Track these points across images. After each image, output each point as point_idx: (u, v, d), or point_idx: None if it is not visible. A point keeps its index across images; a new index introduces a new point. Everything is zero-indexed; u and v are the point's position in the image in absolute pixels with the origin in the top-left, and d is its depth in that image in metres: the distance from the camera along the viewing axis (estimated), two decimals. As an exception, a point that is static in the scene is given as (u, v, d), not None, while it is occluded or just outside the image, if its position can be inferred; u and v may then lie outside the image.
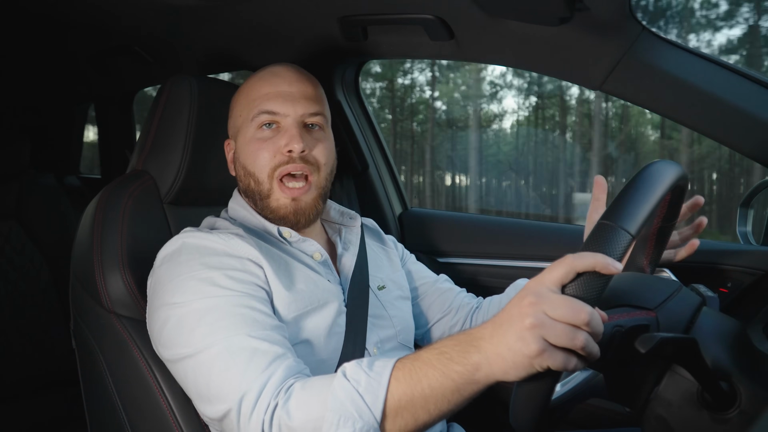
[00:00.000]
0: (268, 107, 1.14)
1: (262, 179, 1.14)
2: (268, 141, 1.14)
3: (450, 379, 0.79)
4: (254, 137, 1.15)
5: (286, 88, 1.16)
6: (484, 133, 13.91)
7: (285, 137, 1.13)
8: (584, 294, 0.72)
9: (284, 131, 1.14)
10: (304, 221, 1.17)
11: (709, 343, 0.83)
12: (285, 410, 0.86)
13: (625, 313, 0.83)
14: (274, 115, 1.14)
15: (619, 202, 0.76)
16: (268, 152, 1.13)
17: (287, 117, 1.14)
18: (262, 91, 1.16)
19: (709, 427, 0.81)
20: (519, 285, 1.37)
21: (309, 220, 1.18)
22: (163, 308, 1.01)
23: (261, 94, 1.15)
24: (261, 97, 1.15)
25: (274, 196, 1.15)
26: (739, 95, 1.22)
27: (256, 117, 1.14)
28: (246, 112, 1.17)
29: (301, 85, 1.17)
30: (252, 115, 1.15)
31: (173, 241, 1.09)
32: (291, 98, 1.15)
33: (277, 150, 1.13)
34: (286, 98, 1.14)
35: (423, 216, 1.99)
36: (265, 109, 1.14)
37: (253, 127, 1.15)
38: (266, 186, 1.14)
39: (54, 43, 1.90)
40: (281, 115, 1.14)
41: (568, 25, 1.24)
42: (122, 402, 1.16)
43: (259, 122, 1.14)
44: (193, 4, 1.39)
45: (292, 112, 1.14)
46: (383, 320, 1.23)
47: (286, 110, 1.14)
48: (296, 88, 1.16)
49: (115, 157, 2.84)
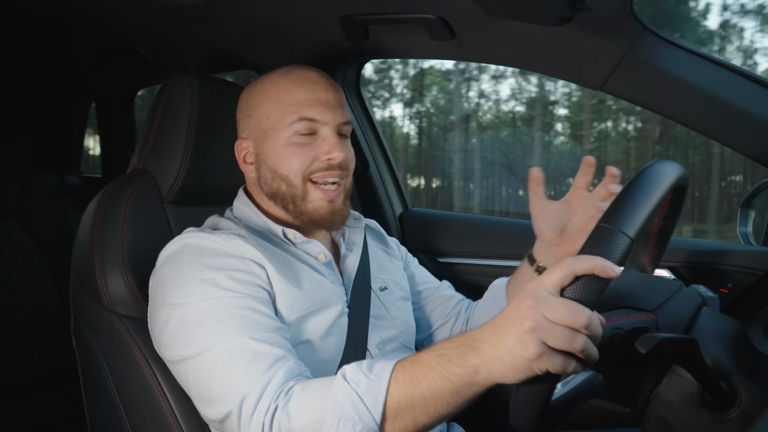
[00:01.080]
0: (310, 114, 1.12)
1: (296, 183, 1.13)
2: (307, 147, 1.13)
3: (449, 381, 0.79)
4: (291, 141, 1.13)
5: (324, 95, 1.15)
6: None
7: (326, 145, 1.12)
8: (583, 297, 0.72)
9: (323, 139, 1.13)
10: (340, 222, 1.18)
11: (709, 343, 0.83)
12: (285, 413, 0.86)
13: (624, 315, 0.83)
14: (314, 123, 1.13)
15: (618, 205, 0.76)
16: (307, 158, 1.13)
17: (326, 125, 1.13)
18: (299, 96, 1.14)
19: (710, 427, 0.81)
20: (497, 285, 1.36)
21: (344, 220, 1.19)
22: (165, 309, 1.01)
23: (299, 99, 1.13)
24: (300, 102, 1.13)
25: (310, 198, 1.14)
26: (740, 96, 1.22)
27: (295, 123, 1.12)
28: (279, 115, 1.14)
29: (336, 93, 1.17)
30: (289, 120, 1.13)
31: (175, 241, 1.09)
32: (330, 106, 1.14)
33: (316, 157, 1.13)
34: (325, 106, 1.14)
35: (424, 216, 1.98)
36: (306, 116, 1.12)
37: (289, 132, 1.13)
38: (300, 189, 1.14)
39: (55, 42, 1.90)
40: (320, 123, 1.13)
41: (570, 25, 1.24)
42: (122, 401, 1.16)
43: (298, 128, 1.13)
44: (194, 4, 1.39)
45: (332, 121, 1.14)
46: (385, 321, 1.23)
47: (326, 118, 1.13)
48: (332, 95, 1.16)
49: (116, 157, 2.84)
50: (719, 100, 1.22)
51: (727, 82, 1.23)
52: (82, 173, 3.15)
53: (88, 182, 3.04)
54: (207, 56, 1.78)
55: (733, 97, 1.21)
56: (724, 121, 1.24)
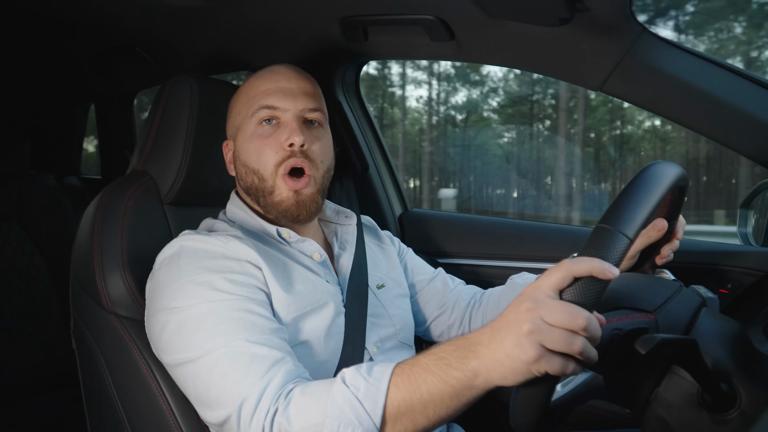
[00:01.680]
0: (268, 102, 1.14)
1: (267, 176, 1.14)
2: (270, 137, 1.14)
3: (449, 384, 0.79)
4: (255, 133, 1.15)
5: (285, 84, 1.16)
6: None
7: (286, 131, 1.13)
8: (581, 299, 0.72)
9: (284, 126, 1.14)
10: (306, 214, 1.16)
11: (709, 344, 0.82)
12: (285, 416, 0.86)
13: (624, 316, 0.83)
14: (274, 110, 1.14)
15: (617, 206, 0.76)
16: (271, 148, 1.13)
17: (287, 112, 1.15)
18: (261, 87, 1.16)
19: (710, 428, 0.81)
20: (516, 282, 1.37)
21: (310, 213, 1.17)
22: (162, 312, 1.01)
23: (260, 90, 1.16)
24: (261, 93, 1.16)
25: (278, 191, 1.14)
26: (740, 96, 1.22)
27: (256, 113, 1.15)
28: (246, 109, 1.17)
29: (300, 82, 1.18)
30: (252, 111, 1.15)
31: (172, 245, 1.09)
32: (291, 93, 1.15)
33: (279, 145, 1.13)
34: (285, 93, 1.15)
35: (423, 217, 1.98)
36: (265, 104, 1.14)
37: (253, 123, 1.15)
38: (270, 182, 1.14)
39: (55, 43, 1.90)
40: (281, 110, 1.14)
41: (569, 26, 1.24)
42: (122, 402, 1.16)
43: (260, 118, 1.15)
44: (193, 5, 1.39)
45: (292, 107, 1.15)
46: (383, 319, 1.23)
47: (286, 105, 1.14)
48: (295, 84, 1.17)
49: (116, 158, 2.84)
50: (718, 101, 1.22)
51: (726, 82, 1.23)
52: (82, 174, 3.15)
53: (87, 183, 3.04)
54: (206, 57, 1.78)
55: (732, 97, 1.21)
56: (723, 121, 1.24)
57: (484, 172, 12.66)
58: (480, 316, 1.37)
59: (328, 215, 1.33)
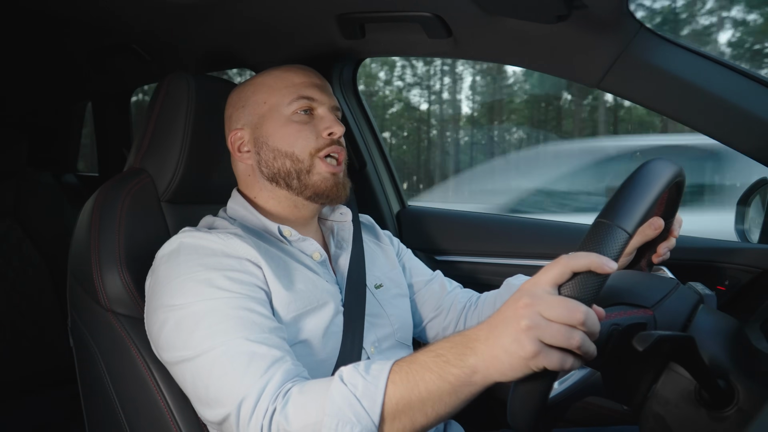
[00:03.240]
0: (308, 93, 1.20)
1: (303, 158, 1.18)
2: (307, 125, 1.19)
3: (447, 381, 0.79)
4: (291, 120, 1.19)
5: (317, 80, 1.23)
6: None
7: (326, 122, 1.19)
8: (580, 294, 0.72)
9: (321, 117, 1.21)
10: (343, 195, 1.22)
11: (706, 341, 0.83)
12: (283, 415, 0.86)
13: (622, 312, 0.83)
14: (311, 101, 1.20)
15: (615, 201, 0.76)
16: (311, 133, 1.18)
17: (323, 105, 1.21)
18: (296, 79, 1.21)
19: (707, 424, 0.82)
20: (511, 284, 1.37)
21: (345, 194, 1.22)
22: (162, 310, 1.01)
23: (296, 81, 1.21)
24: (297, 84, 1.20)
25: (316, 170, 1.18)
26: (737, 93, 1.22)
27: (294, 101, 1.19)
28: (276, 98, 1.20)
29: (325, 82, 1.25)
30: (288, 100, 1.19)
31: (171, 241, 1.08)
32: (324, 89, 1.22)
33: (317, 133, 1.18)
34: (321, 88, 1.22)
35: (421, 214, 1.99)
36: (304, 95, 1.19)
37: (289, 111, 1.19)
38: (307, 164, 1.18)
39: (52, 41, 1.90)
40: (318, 102, 1.21)
41: (566, 23, 1.24)
42: (120, 400, 1.15)
43: (297, 107, 1.19)
44: (190, 2, 1.39)
45: (327, 101, 1.22)
46: (381, 319, 1.23)
47: (322, 98, 1.21)
48: (324, 82, 1.24)
49: (113, 155, 2.84)
50: (716, 98, 1.22)
51: (724, 79, 1.23)
52: (79, 172, 3.15)
53: (85, 181, 3.03)
54: (204, 55, 1.78)
55: (729, 94, 1.21)
56: (720, 118, 1.24)
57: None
58: (475, 319, 1.37)
59: (324, 212, 1.33)
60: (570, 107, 14.28)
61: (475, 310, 1.39)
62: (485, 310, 1.37)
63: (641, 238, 1.12)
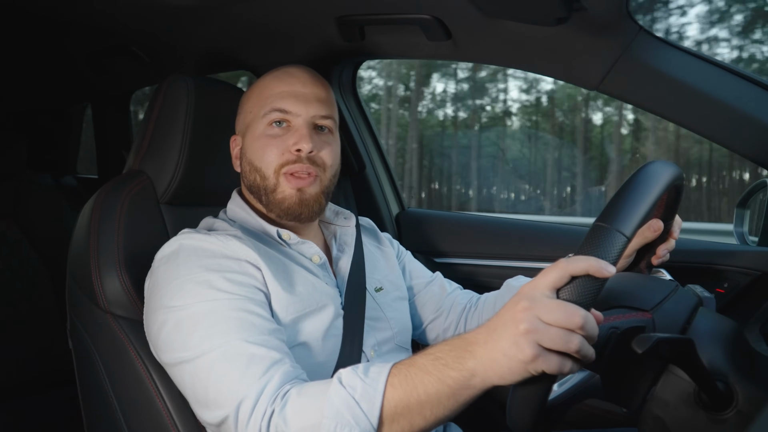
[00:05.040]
0: (281, 105, 1.14)
1: (268, 174, 1.14)
2: (278, 138, 1.14)
3: (446, 384, 0.79)
4: (264, 133, 1.15)
5: (299, 88, 1.16)
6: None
7: (295, 136, 1.13)
8: (578, 298, 0.72)
9: (294, 130, 1.14)
10: (308, 213, 1.16)
11: (705, 343, 0.83)
12: (282, 417, 0.86)
13: (621, 315, 0.83)
14: (285, 114, 1.14)
15: (614, 204, 0.76)
16: (278, 149, 1.13)
17: (299, 117, 1.15)
18: (276, 89, 1.16)
19: (706, 427, 0.82)
20: (511, 285, 1.37)
21: (312, 213, 1.16)
22: (161, 311, 1.01)
23: (275, 92, 1.16)
24: (274, 95, 1.16)
25: (280, 189, 1.14)
26: (736, 96, 1.22)
27: (267, 114, 1.15)
28: (257, 108, 1.17)
29: (315, 88, 1.18)
30: (263, 111, 1.15)
31: (171, 243, 1.08)
32: (304, 99, 1.15)
33: (286, 148, 1.13)
34: (299, 98, 1.15)
35: (420, 216, 1.98)
36: (277, 107, 1.14)
37: (263, 124, 1.15)
38: (272, 181, 1.14)
39: (51, 43, 1.90)
40: (293, 114, 1.15)
41: (566, 26, 1.24)
42: (119, 402, 1.15)
43: (270, 119, 1.15)
44: (190, 5, 1.39)
45: (304, 113, 1.15)
46: (381, 322, 1.23)
47: (298, 110, 1.14)
48: (310, 89, 1.17)
49: (112, 158, 2.84)
50: (715, 100, 1.22)
51: (723, 82, 1.23)
52: (79, 174, 3.15)
53: (84, 183, 3.03)
54: (203, 57, 1.78)
55: (728, 97, 1.22)
56: (719, 121, 1.24)
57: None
58: (476, 320, 1.37)
59: (327, 216, 1.32)
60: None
61: (476, 311, 1.39)
62: (485, 312, 1.37)
63: (641, 240, 1.12)
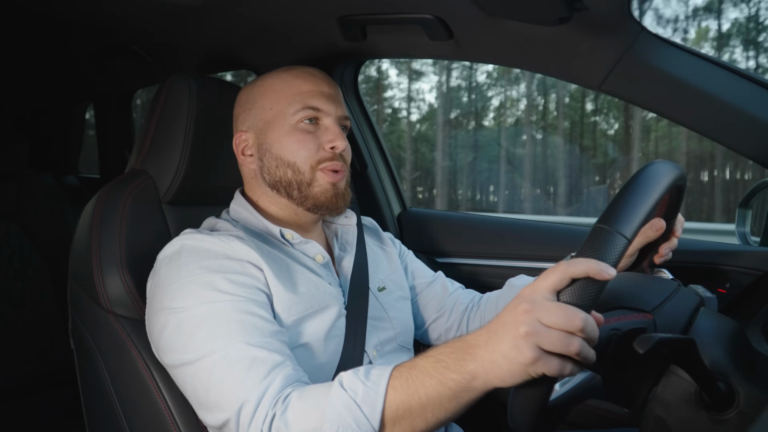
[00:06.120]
0: (314, 104, 1.17)
1: (304, 170, 1.16)
2: (311, 135, 1.17)
3: (446, 387, 0.79)
4: (296, 128, 1.17)
5: (326, 88, 1.20)
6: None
7: (329, 134, 1.17)
8: (578, 300, 0.72)
9: (326, 128, 1.17)
10: (343, 205, 1.20)
11: (707, 343, 0.83)
12: (283, 420, 0.86)
13: (621, 316, 0.83)
14: (318, 112, 1.17)
15: (615, 206, 0.76)
16: (314, 144, 1.16)
17: (329, 116, 1.18)
18: (303, 87, 1.18)
19: (708, 427, 0.81)
20: (514, 284, 1.37)
21: (345, 204, 1.21)
22: (162, 312, 1.01)
23: (303, 90, 1.18)
24: (304, 93, 1.17)
25: (317, 183, 1.17)
26: (738, 96, 1.22)
27: (299, 111, 1.16)
28: (282, 105, 1.17)
29: (335, 90, 1.22)
30: (294, 108, 1.16)
31: (173, 243, 1.08)
32: (332, 98, 1.19)
33: (320, 145, 1.16)
34: (328, 98, 1.18)
35: (422, 216, 1.98)
36: (310, 105, 1.16)
37: (294, 120, 1.17)
38: (308, 176, 1.16)
39: (53, 42, 1.90)
40: (324, 113, 1.17)
41: (567, 25, 1.24)
42: (120, 402, 1.15)
43: (303, 116, 1.16)
44: (192, 4, 1.39)
45: (334, 112, 1.18)
46: (383, 322, 1.23)
47: (329, 109, 1.18)
48: (333, 90, 1.21)
49: (114, 157, 2.84)
50: (717, 100, 1.22)
51: (725, 81, 1.23)
52: (80, 174, 3.15)
53: (86, 183, 3.03)
54: (205, 57, 1.78)
55: (730, 96, 1.21)
56: (721, 120, 1.24)
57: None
58: (478, 320, 1.37)
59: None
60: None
61: (478, 311, 1.39)
62: (488, 311, 1.37)
63: (643, 239, 1.12)
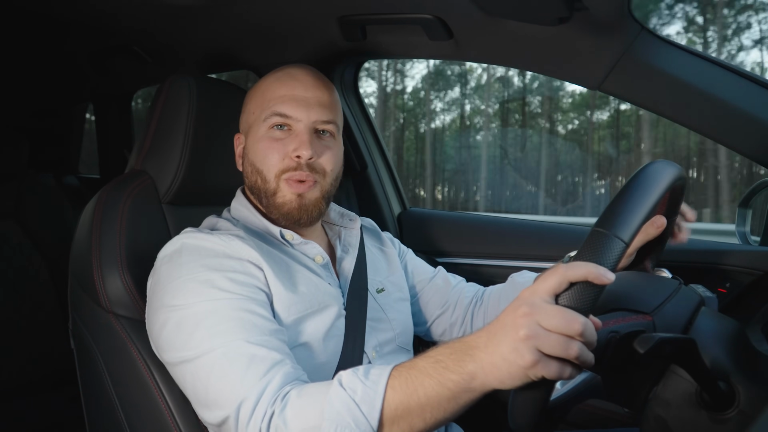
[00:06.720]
0: (282, 110, 1.14)
1: (269, 178, 1.14)
2: (279, 142, 1.14)
3: (446, 387, 0.79)
4: (265, 136, 1.15)
5: (301, 92, 1.15)
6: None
7: (295, 142, 1.13)
8: (577, 304, 0.72)
9: (295, 135, 1.14)
10: (307, 218, 1.16)
11: (707, 343, 0.83)
12: (282, 419, 0.86)
13: (620, 318, 0.83)
14: (286, 119, 1.14)
15: (613, 209, 0.76)
16: (278, 153, 1.13)
17: (300, 122, 1.14)
18: (277, 92, 1.15)
19: (708, 427, 0.81)
20: (516, 281, 1.37)
21: (312, 218, 1.17)
22: (163, 310, 1.01)
23: (276, 95, 1.15)
24: (276, 98, 1.15)
25: (281, 193, 1.14)
26: (738, 95, 1.22)
27: (268, 117, 1.14)
28: (259, 110, 1.17)
29: (317, 91, 1.17)
30: (265, 114, 1.15)
31: (173, 242, 1.08)
32: (305, 103, 1.14)
33: (286, 154, 1.13)
34: (300, 103, 1.14)
35: (422, 216, 1.98)
36: (278, 111, 1.14)
37: (264, 127, 1.15)
38: (273, 185, 1.14)
39: (53, 42, 1.90)
40: (294, 119, 1.14)
41: (567, 25, 1.24)
42: (120, 402, 1.15)
43: (271, 123, 1.14)
44: (191, 4, 1.39)
45: (305, 118, 1.14)
46: (382, 323, 1.23)
47: (299, 115, 1.14)
48: (311, 93, 1.16)
49: (114, 157, 2.84)
50: (717, 100, 1.22)
51: (725, 81, 1.23)
52: (80, 174, 3.15)
53: (86, 183, 3.04)
54: (205, 57, 1.78)
55: (730, 96, 1.21)
56: (721, 120, 1.24)
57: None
58: (481, 316, 1.38)
59: (332, 218, 1.32)
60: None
61: (481, 306, 1.39)
62: (490, 307, 1.37)
63: (643, 237, 1.11)
